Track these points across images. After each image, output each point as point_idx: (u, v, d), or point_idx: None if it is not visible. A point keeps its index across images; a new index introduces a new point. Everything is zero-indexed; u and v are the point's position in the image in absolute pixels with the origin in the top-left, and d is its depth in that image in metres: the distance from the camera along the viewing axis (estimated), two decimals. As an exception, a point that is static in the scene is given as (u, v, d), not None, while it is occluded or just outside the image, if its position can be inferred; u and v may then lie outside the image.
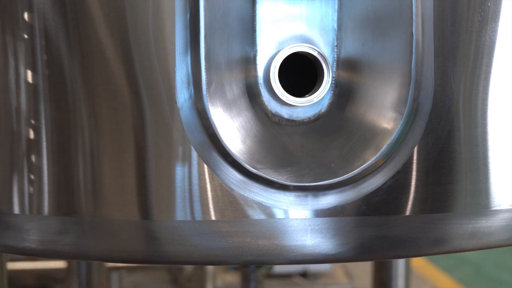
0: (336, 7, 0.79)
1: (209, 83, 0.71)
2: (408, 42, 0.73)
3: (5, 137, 0.77)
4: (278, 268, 2.85)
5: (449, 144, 0.76)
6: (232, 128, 0.74)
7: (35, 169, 0.76)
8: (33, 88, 0.75)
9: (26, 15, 0.75)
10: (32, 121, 0.76)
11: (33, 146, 0.76)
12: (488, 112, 0.78)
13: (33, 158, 0.76)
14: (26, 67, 0.75)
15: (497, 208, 0.80)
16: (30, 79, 0.76)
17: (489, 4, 0.77)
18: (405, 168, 0.75)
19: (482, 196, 0.79)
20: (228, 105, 0.74)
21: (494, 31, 0.77)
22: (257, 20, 0.78)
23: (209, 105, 0.72)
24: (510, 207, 0.81)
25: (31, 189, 0.77)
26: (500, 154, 0.79)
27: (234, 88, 0.75)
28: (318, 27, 0.79)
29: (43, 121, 0.75)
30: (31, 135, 0.76)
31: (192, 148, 0.73)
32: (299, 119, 0.79)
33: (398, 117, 0.73)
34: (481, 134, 0.78)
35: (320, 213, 0.75)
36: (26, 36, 0.75)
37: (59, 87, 0.74)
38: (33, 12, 0.74)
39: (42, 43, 0.74)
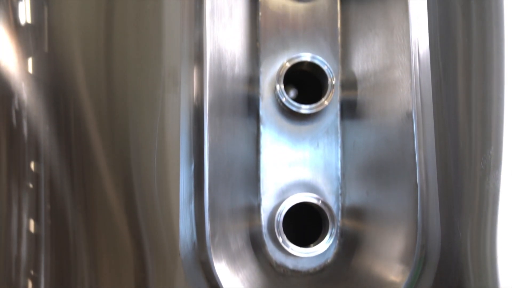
0: (339, 156, 0.80)
1: (213, 235, 0.70)
2: (412, 191, 0.72)
3: (3, 288, 0.75)
4: None
5: None
6: (236, 281, 0.72)
7: (32, 323, 0.73)
8: (34, 238, 0.74)
9: (32, 165, 0.75)
10: (32, 272, 0.74)
11: (31, 298, 0.74)
12: (497, 261, 0.76)
13: (30, 311, 0.73)
14: (29, 216, 0.75)
15: None
16: (32, 228, 0.75)
17: (490, 152, 0.77)
18: (416, 323, 0.72)
19: None
20: (232, 258, 0.72)
21: (497, 179, 0.77)
22: (261, 169, 0.78)
23: (213, 258, 0.70)
24: None
25: None
26: (513, 305, 0.76)
27: (238, 239, 0.74)
28: (322, 175, 0.79)
29: (42, 272, 0.74)
30: (29, 286, 0.74)
31: (195, 301, 0.71)
32: (304, 269, 0.77)
33: (406, 269, 0.71)
34: (492, 284, 0.76)
35: None
36: (31, 186, 0.75)
37: (61, 237, 0.73)
38: (40, 162, 0.75)
39: (47, 193, 0.74)
